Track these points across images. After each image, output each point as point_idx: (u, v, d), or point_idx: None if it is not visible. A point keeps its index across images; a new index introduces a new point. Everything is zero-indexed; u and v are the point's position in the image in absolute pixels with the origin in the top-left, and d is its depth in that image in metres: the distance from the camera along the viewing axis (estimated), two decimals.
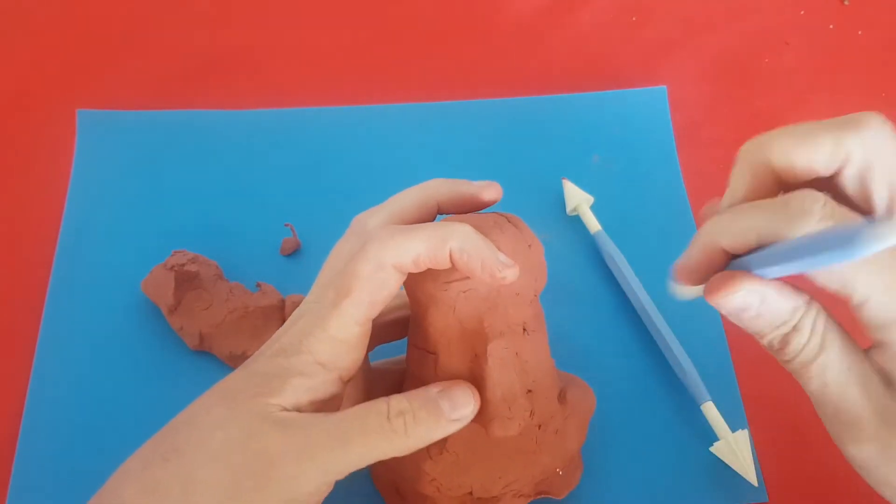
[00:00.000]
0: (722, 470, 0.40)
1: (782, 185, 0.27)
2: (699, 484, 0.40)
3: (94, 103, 0.52)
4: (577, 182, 0.48)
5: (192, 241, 0.46)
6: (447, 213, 0.34)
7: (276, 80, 0.54)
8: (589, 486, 0.39)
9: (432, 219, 0.34)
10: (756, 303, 0.25)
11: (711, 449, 0.40)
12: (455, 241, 0.29)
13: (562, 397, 0.36)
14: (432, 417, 0.30)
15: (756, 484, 0.39)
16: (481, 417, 0.32)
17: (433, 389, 0.31)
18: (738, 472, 0.39)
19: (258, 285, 0.45)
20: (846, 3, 0.59)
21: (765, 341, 0.27)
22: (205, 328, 0.43)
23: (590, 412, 0.37)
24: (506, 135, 0.52)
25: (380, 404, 0.29)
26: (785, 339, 0.26)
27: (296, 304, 0.44)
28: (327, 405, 0.30)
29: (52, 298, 0.45)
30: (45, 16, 0.57)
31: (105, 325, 0.44)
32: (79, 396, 0.42)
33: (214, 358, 0.43)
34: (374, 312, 0.30)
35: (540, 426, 0.34)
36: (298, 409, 0.29)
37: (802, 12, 0.58)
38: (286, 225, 0.47)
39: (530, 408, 0.33)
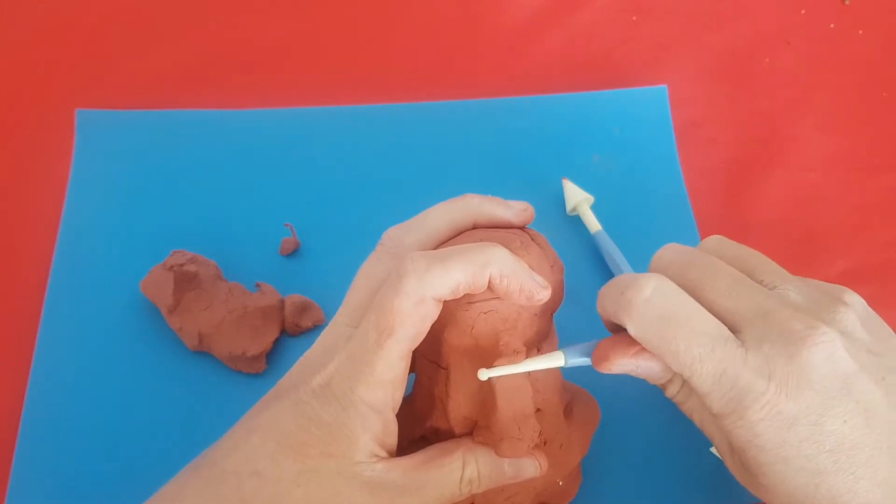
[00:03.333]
0: (723, 470, 0.40)
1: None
2: (700, 484, 0.40)
3: (93, 103, 0.52)
4: (577, 182, 0.48)
5: (191, 241, 0.46)
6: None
7: (276, 81, 0.54)
8: (590, 487, 0.39)
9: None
10: (633, 368, 0.31)
11: (712, 449, 0.40)
12: (495, 268, 0.29)
13: (567, 411, 0.36)
14: (494, 481, 0.32)
15: None
16: (490, 437, 0.32)
17: (505, 462, 0.32)
18: None
19: (257, 285, 0.45)
20: (847, 2, 0.59)
21: (651, 383, 0.33)
22: (204, 328, 0.42)
23: (594, 426, 0.37)
24: (506, 135, 0.51)
25: (454, 469, 0.31)
26: (664, 386, 0.33)
27: (295, 305, 0.44)
28: (389, 442, 0.31)
29: (51, 298, 0.45)
30: (45, 15, 0.57)
31: (104, 325, 0.44)
32: (78, 396, 0.42)
33: (214, 358, 0.43)
34: (417, 343, 0.30)
35: (546, 442, 0.34)
36: (370, 462, 0.30)
37: (803, 12, 0.58)
38: (286, 225, 0.47)
39: (539, 428, 0.32)
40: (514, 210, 0.33)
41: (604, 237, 0.46)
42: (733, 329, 0.29)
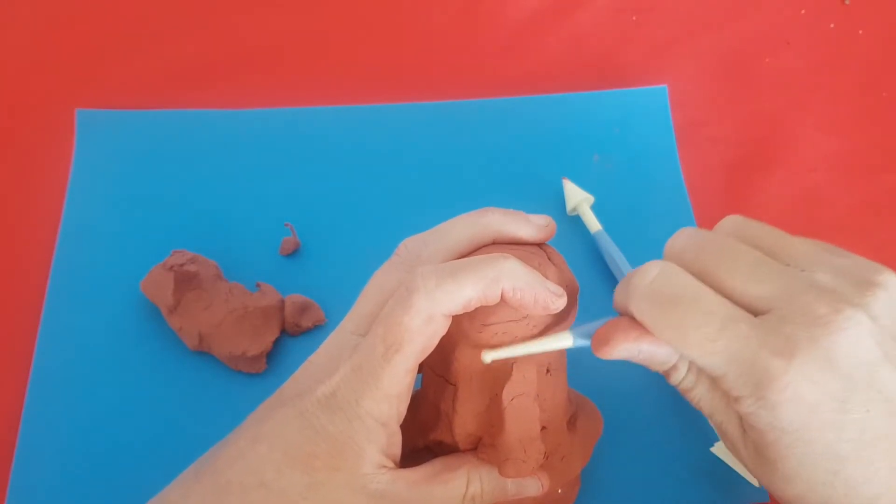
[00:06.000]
0: (723, 470, 0.40)
1: None
2: (700, 484, 0.40)
3: (93, 103, 0.52)
4: (578, 182, 0.48)
5: (191, 240, 0.46)
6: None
7: (276, 80, 0.54)
8: (590, 487, 0.39)
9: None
10: (635, 353, 0.29)
11: (712, 449, 0.40)
12: (507, 281, 0.28)
13: (571, 423, 0.35)
14: (497, 498, 0.32)
15: (757, 484, 0.39)
16: (495, 456, 0.32)
17: (508, 480, 0.32)
18: (738, 472, 0.39)
19: (258, 285, 0.45)
20: (847, 2, 0.59)
21: (652, 370, 0.31)
22: (204, 328, 0.42)
23: (596, 437, 0.37)
24: (506, 135, 0.51)
25: (458, 486, 0.31)
26: (666, 373, 0.31)
27: (296, 305, 0.44)
28: (393, 452, 0.31)
29: (51, 298, 0.45)
30: (45, 15, 0.57)
31: (104, 325, 0.44)
32: (78, 396, 0.42)
33: (214, 358, 0.43)
34: (424, 357, 0.29)
35: (548, 456, 0.34)
36: (377, 473, 0.29)
37: (803, 12, 0.58)
38: (286, 225, 0.47)
39: (545, 449, 0.32)
40: (535, 226, 0.32)
41: (604, 237, 0.46)
42: (754, 313, 0.27)
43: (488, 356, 0.29)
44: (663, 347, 0.29)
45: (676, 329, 0.28)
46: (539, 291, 0.29)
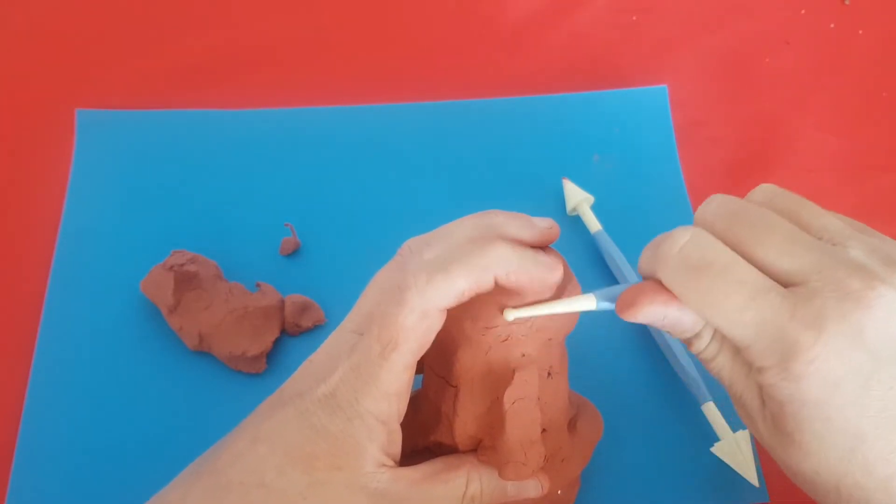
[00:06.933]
0: (723, 470, 0.40)
1: None
2: (700, 484, 0.40)
3: (93, 103, 0.52)
4: (578, 182, 0.48)
5: (191, 241, 0.46)
6: None
7: (276, 80, 0.54)
8: (590, 487, 0.39)
9: None
10: (661, 318, 0.29)
11: (712, 449, 0.40)
12: (499, 268, 0.28)
13: (571, 425, 0.35)
14: (496, 499, 0.33)
15: (757, 484, 0.39)
16: (496, 458, 0.32)
17: (508, 484, 0.32)
18: (739, 472, 0.39)
19: (258, 285, 0.45)
20: (846, 2, 0.59)
21: (675, 338, 0.31)
22: (204, 328, 0.42)
23: (597, 438, 0.37)
24: (506, 135, 0.52)
25: (458, 486, 0.31)
26: (688, 341, 0.30)
27: (296, 305, 0.44)
28: (393, 451, 0.31)
29: (51, 298, 0.45)
30: (45, 15, 0.57)
31: (104, 325, 0.44)
32: (78, 397, 0.42)
33: (214, 358, 0.43)
34: (421, 353, 0.29)
35: (548, 458, 0.34)
36: (377, 472, 0.29)
37: (803, 12, 0.58)
38: (286, 225, 0.47)
39: (545, 452, 0.32)
40: (538, 230, 0.32)
41: (604, 237, 0.46)
42: (785, 285, 0.27)
43: (511, 314, 0.29)
44: (690, 314, 0.29)
45: (706, 297, 0.27)
46: (532, 269, 0.29)
